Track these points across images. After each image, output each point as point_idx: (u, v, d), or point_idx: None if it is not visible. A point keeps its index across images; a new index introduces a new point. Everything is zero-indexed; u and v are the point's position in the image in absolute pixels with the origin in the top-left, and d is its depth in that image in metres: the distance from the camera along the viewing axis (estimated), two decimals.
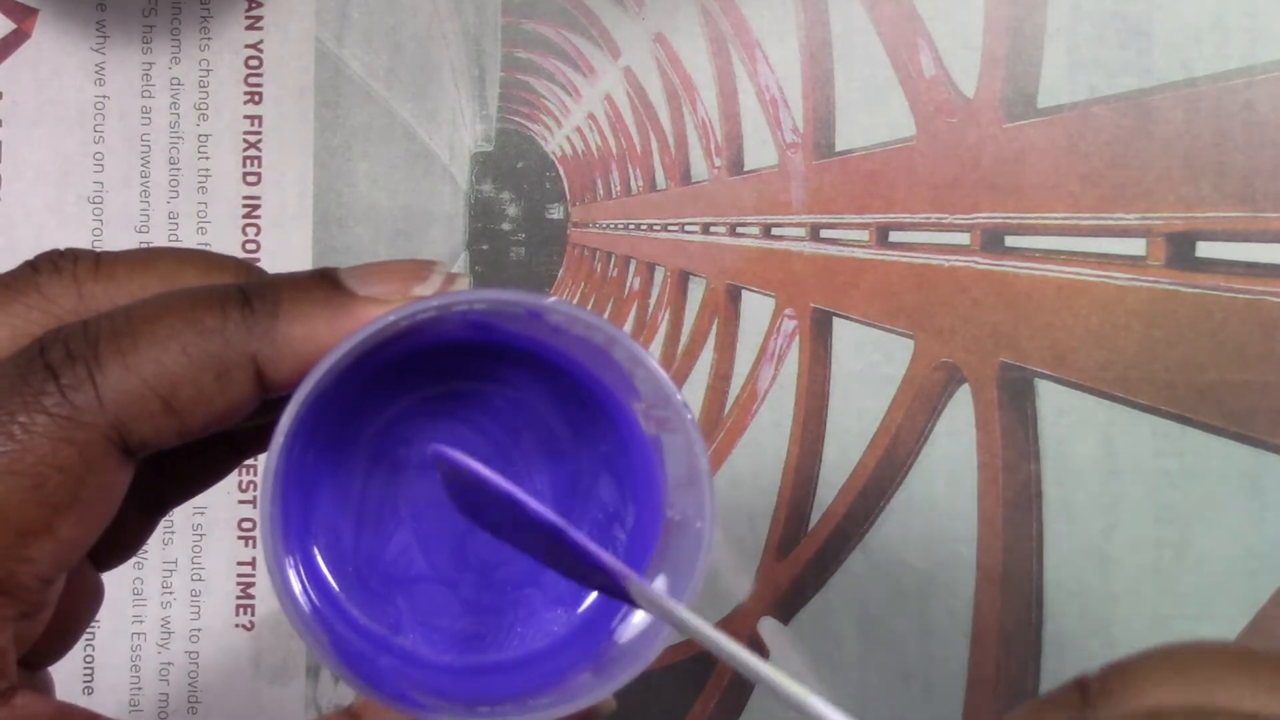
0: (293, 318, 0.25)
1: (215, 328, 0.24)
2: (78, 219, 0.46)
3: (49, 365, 0.24)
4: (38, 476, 0.24)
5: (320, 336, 0.25)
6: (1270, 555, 0.43)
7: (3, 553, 0.24)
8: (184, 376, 0.24)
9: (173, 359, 0.24)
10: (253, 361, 0.25)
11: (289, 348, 0.25)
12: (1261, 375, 0.44)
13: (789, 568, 0.45)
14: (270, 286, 0.25)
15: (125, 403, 0.24)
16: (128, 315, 0.25)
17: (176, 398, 0.24)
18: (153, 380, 0.24)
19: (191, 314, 0.25)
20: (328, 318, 0.25)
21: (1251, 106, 0.44)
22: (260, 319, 0.25)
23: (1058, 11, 0.45)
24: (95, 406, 0.24)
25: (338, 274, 0.26)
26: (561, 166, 0.47)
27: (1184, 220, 0.44)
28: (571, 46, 0.47)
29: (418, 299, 0.26)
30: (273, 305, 0.25)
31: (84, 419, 0.24)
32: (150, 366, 0.24)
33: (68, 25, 0.47)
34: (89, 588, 0.29)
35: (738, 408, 0.46)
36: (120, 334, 0.24)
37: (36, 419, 0.24)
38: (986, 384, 0.45)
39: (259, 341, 0.25)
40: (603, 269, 0.47)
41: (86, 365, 0.24)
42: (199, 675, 0.46)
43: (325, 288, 0.25)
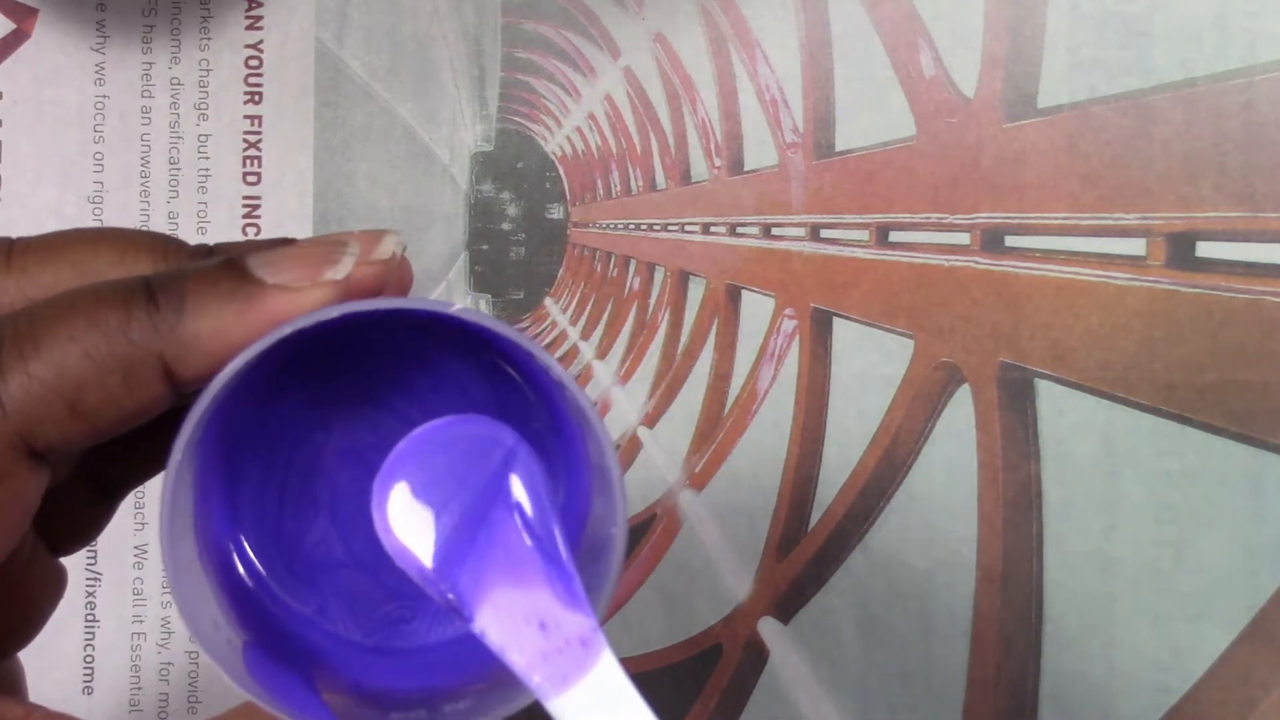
0: (199, 313, 0.24)
1: (118, 327, 0.24)
2: (78, 219, 0.46)
3: None
4: None
5: (229, 331, 0.24)
6: (1270, 555, 0.43)
7: None
8: (88, 379, 0.24)
9: (75, 362, 0.24)
10: (160, 360, 0.24)
11: (197, 345, 0.24)
12: (1261, 375, 0.44)
13: (789, 568, 0.45)
14: (176, 280, 0.25)
15: (29, 408, 0.24)
16: (30, 318, 0.24)
17: (82, 401, 0.24)
18: (55, 384, 0.24)
19: (95, 314, 0.24)
20: (236, 311, 0.24)
21: (1251, 106, 0.44)
22: (165, 316, 0.24)
23: (1058, 11, 0.45)
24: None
25: (246, 262, 0.25)
26: (561, 166, 0.47)
27: (1184, 220, 0.44)
28: (571, 46, 0.47)
29: (330, 284, 0.25)
30: (178, 300, 0.24)
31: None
32: (52, 370, 0.24)
33: (68, 25, 0.47)
34: (47, 575, 0.29)
35: (738, 408, 0.46)
36: (22, 337, 0.24)
37: None
38: (986, 384, 0.45)
39: (165, 340, 0.24)
40: (603, 269, 0.47)
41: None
42: (199, 675, 0.46)
43: (232, 278, 0.25)
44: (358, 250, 0.26)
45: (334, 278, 0.25)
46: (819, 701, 0.45)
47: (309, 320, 0.23)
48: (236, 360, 0.24)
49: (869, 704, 0.45)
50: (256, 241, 0.27)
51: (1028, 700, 0.44)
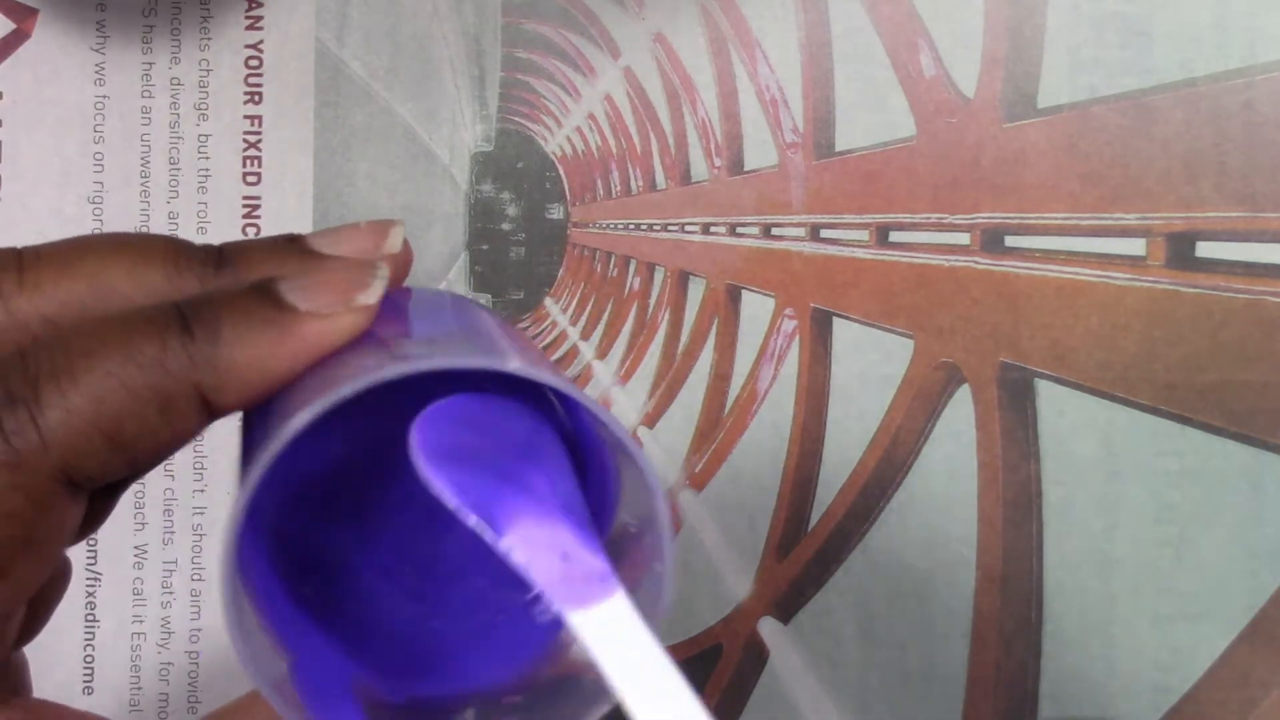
0: (235, 343, 0.24)
1: (156, 359, 0.24)
2: (78, 219, 0.46)
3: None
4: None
5: (264, 361, 0.24)
6: (1270, 555, 0.43)
7: None
8: (127, 412, 0.24)
9: (114, 396, 0.24)
10: (197, 390, 0.24)
11: (233, 374, 0.24)
12: (1261, 375, 0.44)
13: (789, 568, 0.45)
14: (209, 307, 0.25)
15: (70, 443, 0.24)
16: (65, 349, 0.24)
17: (121, 434, 0.24)
18: (95, 419, 0.24)
19: (130, 345, 0.24)
20: (271, 340, 0.24)
21: (1251, 106, 0.44)
22: (201, 346, 0.24)
23: (1058, 11, 0.45)
24: (39, 450, 0.23)
25: (277, 289, 0.25)
26: (561, 166, 0.47)
27: (1184, 220, 0.44)
28: (571, 46, 0.47)
29: (362, 309, 0.25)
30: (213, 331, 0.24)
31: (29, 463, 0.23)
32: (92, 405, 0.24)
33: (68, 25, 0.47)
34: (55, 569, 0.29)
35: (738, 408, 0.46)
36: (59, 372, 0.24)
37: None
38: (986, 384, 0.45)
39: (201, 371, 0.24)
40: (603, 269, 0.47)
41: (28, 407, 0.23)
42: (199, 675, 0.46)
43: (266, 306, 0.25)
44: (386, 272, 0.26)
45: (366, 302, 0.25)
46: (819, 701, 0.45)
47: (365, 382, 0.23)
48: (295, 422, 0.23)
49: (869, 704, 0.45)
50: (261, 242, 0.27)
51: (1028, 700, 0.44)
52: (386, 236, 0.27)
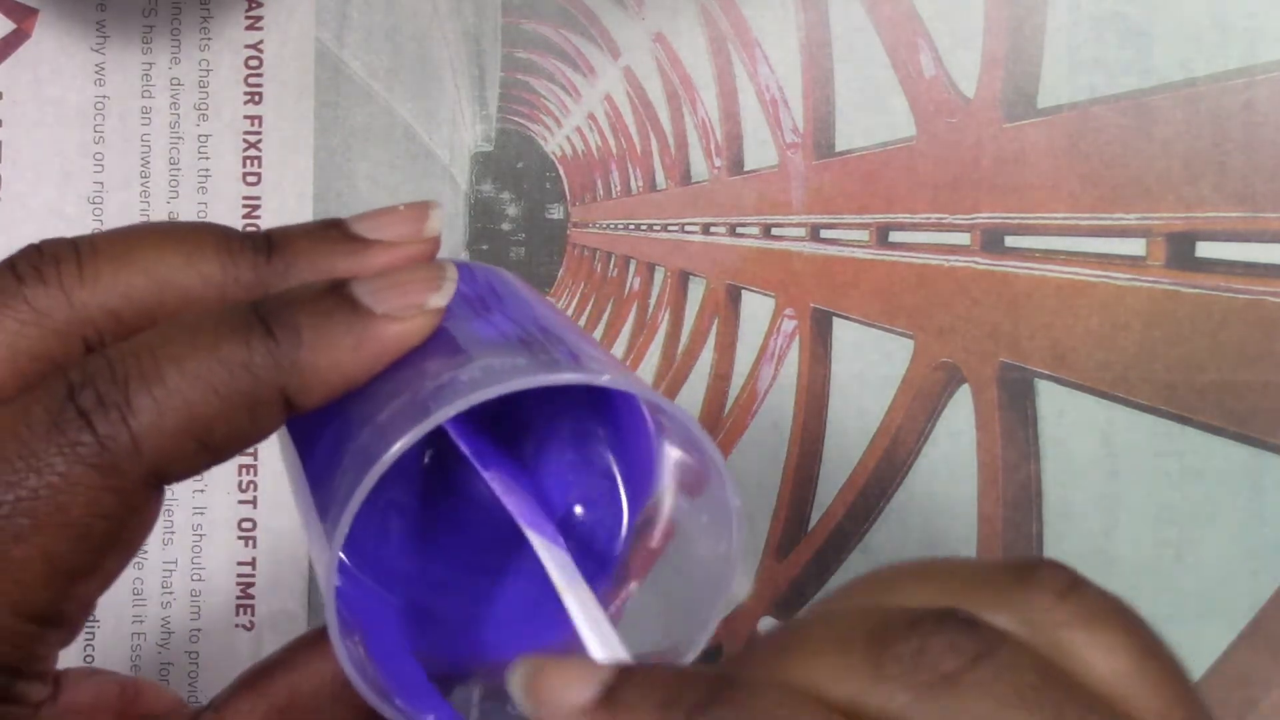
0: (317, 347, 0.25)
1: (243, 363, 0.24)
2: (78, 219, 0.46)
3: (82, 411, 0.24)
4: (83, 526, 0.24)
5: (346, 364, 0.25)
6: (1270, 555, 0.43)
7: (53, 595, 0.24)
8: (217, 416, 0.24)
9: (205, 400, 0.24)
10: (282, 393, 0.25)
11: (316, 377, 0.25)
12: (1261, 375, 0.44)
13: (789, 568, 0.45)
14: (287, 310, 0.25)
15: (161, 447, 0.24)
16: (153, 352, 0.25)
17: (210, 437, 0.25)
18: (187, 423, 0.24)
19: (217, 349, 0.24)
20: (351, 344, 0.25)
21: (1251, 106, 0.44)
22: (285, 350, 0.25)
23: (1058, 11, 0.45)
24: (133, 454, 0.24)
25: (354, 292, 0.26)
26: (561, 166, 0.47)
27: (1184, 220, 0.44)
28: (571, 46, 0.47)
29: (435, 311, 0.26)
30: (295, 334, 0.25)
31: (124, 467, 0.24)
32: (184, 410, 0.24)
33: (68, 25, 0.47)
34: None
35: (738, 408, 0.46)
36: (149, 377, 0.24)
37: (75, 469, 0.24)
38: (986, 384, 0.45)
39: (287, 374, 0.25)
40: (603, 269, 0.47)
41: (120, 411, 0.24)
42: (199, 675, 0.46)
43: (344, 310, 0.25)
44: (454, 273, 0.26)
45: (438, 305, 0.26)
46: None
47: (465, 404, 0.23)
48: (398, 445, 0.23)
49: None
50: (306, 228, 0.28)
51: None
52: (427, 219, 0.27)
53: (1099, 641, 0.22)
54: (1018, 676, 0.20)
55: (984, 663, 0.20)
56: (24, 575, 0.24)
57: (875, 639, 0.21)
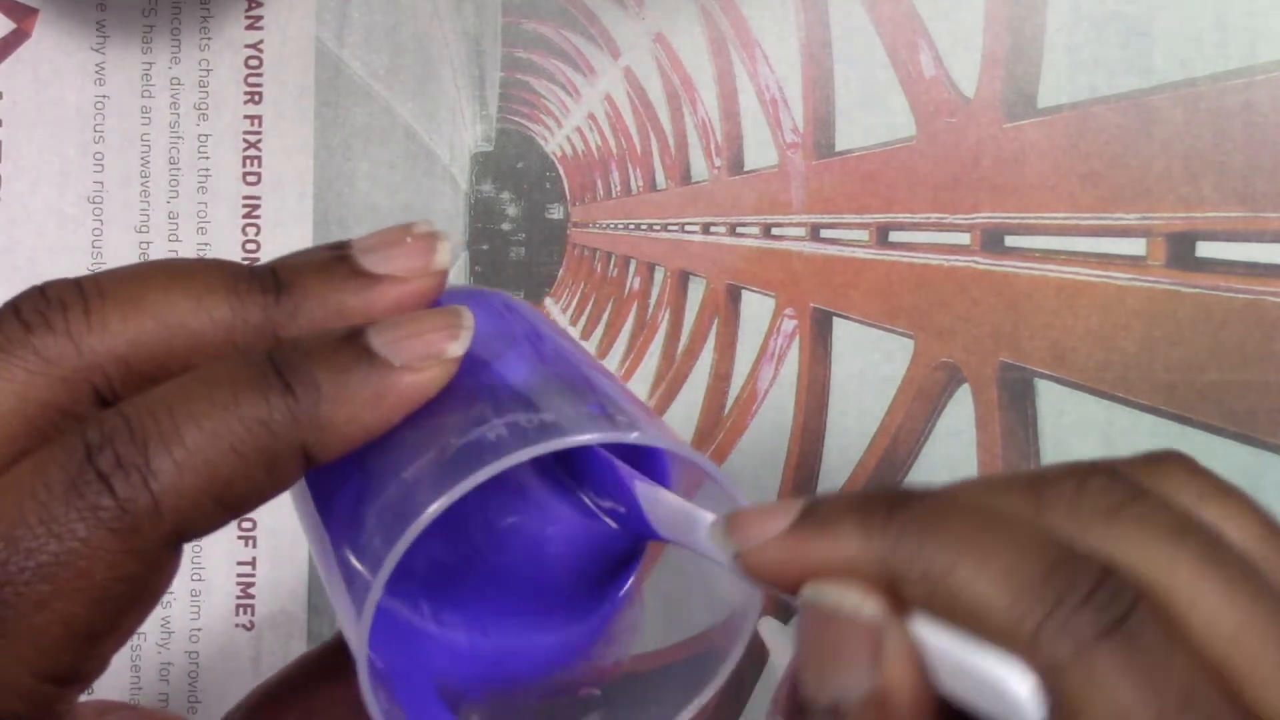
0: (335, 401, 0.25)
1: (262, 420, 0.24)
2: (78, 219, 0.46)
3: (102, 475, 0.24)
4: (103, 589, 0.24)
5: (364, 418, 0.25)
6: None
7: (74, 657, 0.24)
8: (237, 474, 0.24)
9: (224, 459, 0.24)
10: (302, 449, 0.25)
11: (334, 431, 0.25)
12: (1261, 375, 0.44)
13: None
14: (305, 361, 0.25)
15: (182, 508, 0.24)
16: (170, 411, 0.24)
17: (230, 495, 0.24)
18: (207, 483, 0.24)
19: (236, 408, 0.24)
20: (369, 399, 0.25)
21: (1251, 106, 0.44)
22: (304, 406, 0.24)
23: (1058, 11, 0.45)
24: (154, 515, 0.24)
25: (370, 342, 0.25)
26: (561, 166, 0.47)
27: (1184, 220, 0.44)
28: (571, 46, 0.47)
29: (453, 361, 0.25)
30: (313, 389, 0.24)
31: (144, 530, 0.24)
32: (204, 469, 0.24)
33: (68, 25, 0.47)
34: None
35: (738, 408, 0.46)
36: (168, 437, 0.24)
37: (97, 534, 0.24)
38: (986, 384, 0.45)
39: (306, 430, 0.24)
40: (603, 269, 0.47)
41: (140, 474, 0.24)
42: (199, 675, 0.46)
43: (362, 363, 0.25)
44: (471, 322, 0.26)
45: (456, 355, 0.26)
46: None
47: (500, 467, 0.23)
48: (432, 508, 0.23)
49: None
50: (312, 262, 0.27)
51: None
52: (435, 253, 0.27)
53: (1230, 514, 0.23)
54: (1169, 517, 0.22)
55: (1137, 503, 0.23)
56: (44, 640, 0.24)
57: (1034, 483, 0.23)
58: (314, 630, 0.46)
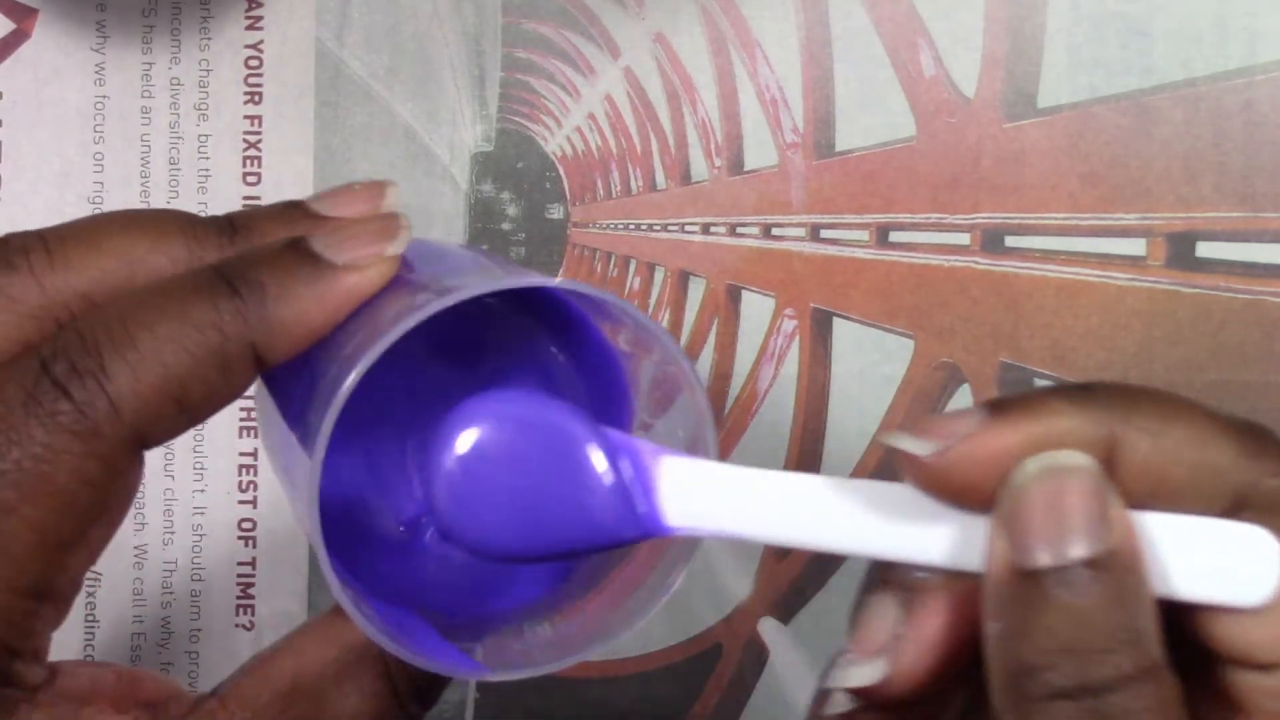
0: (282, 300, 0.25)
1: (212, 323, 0.25)
2: None
3: (56, 382, 0.24)
4: (68, 494, 0.24)
5: (311, 315, 0.25)
6: None
7: (43, 567, 0.25)
8: (191, 375, 0.25)
9: (178, 361, 0.25)
10: (252, 349, 0.25)
11: (283, 330, 0.25)
12: (1261, 375, 0.44)
13: (789, 568, 0.45)
14: (251, 268, 0.26)
15: (140, 409, 0.25)
16: (122, 319, 0.25)
17: (187, 396, 0.25)
18: (162, 384, 0.25)
19: (185, 311, 0.25)
20: (316, 295, 0.25)
21: (1251, 106, 0.44)
22: (252, 306, 0.25)
23: (1058, 11, 0.45)
24: (113, 417, 0.24)
25: (311, 245, 0.26)
26: (561, 166, 0.47)
27: (1184, 220, 0.44)
28: (571, 46, 0.47)
29: (392, 259, 0.26)
30: (260, 291, 0.25)
31: (104, 431, 0.24)
32: (158, 371, 0.25)
33: (68, 25, 0.47)
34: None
35: (738, 408, 0.46)
36: (120, 342, 0.25)
37: (56, 438, 0.24)
38: (986, 384, 0.45)
39: (255, 330, 0.25)
40: (603, 269, 0.47)
41: (95, 378, 0.24)
42: (199, 675, 0.46)
43: (305, 263, 0.26)
44: (408, 221, 0.27)
45: (395, 252, 0.26)
46: None
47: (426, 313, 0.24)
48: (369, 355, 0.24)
49: None
50: (266, 209, 0.28)
51: None
52: (383, 197, 0.28)
53: None
54: None
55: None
56: (14, 548, 0.24)
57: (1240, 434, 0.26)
58: None
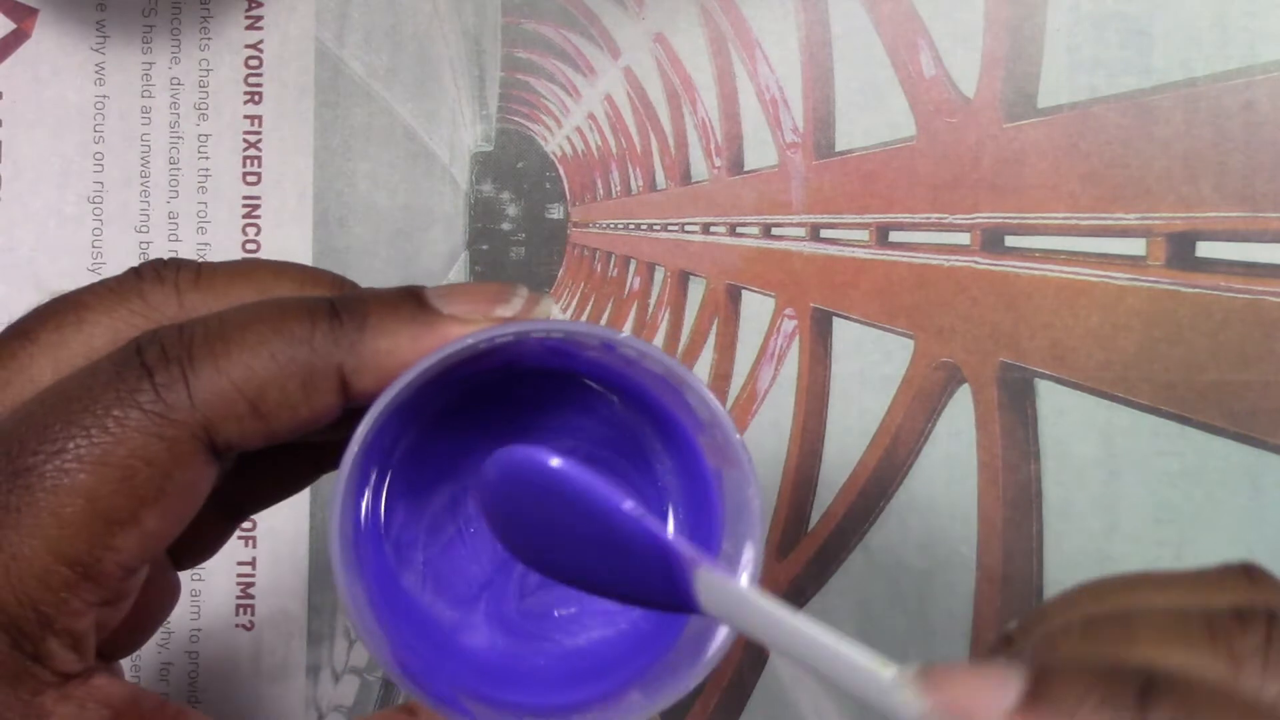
0: (378, 331, 0.26)
1: (304, 337, 0.25)
2: (78, 219, 0.46)
3: (145, 364, 0.25)
4: (127, 469, 0.25)
5: (403, 351, 0.26)
6: (1270, 555, 0.43)
7: (91, 539, 0.25)
8: (272, 381, 0.25)
9: (262, 364, 0.25)
10: (338, 371, 0.26)
11: (373, 359, 0.26)
12: (1261, 375, 0.44)
13: (789, 568, 0.45)
14: (358, 301, 0.26)
15: (215, 403, 0.25)
16: (221, 320, 0.26)
17: (264, 401, 0.25)
18: (241, 384, 0.25)
19: (281, 323, 0.26)
20: (412, 334, 0.26)
21: (1251, 106, 0.44)
22: (347, 331, 0.26)
23: (1058, 11, 0.45)
24: (186, 405, 0.25)
25: (423, 292, 0.27)
26: (561, 166, 0.47)
27: (1184, 220, 0.44)
28: (571, 46, 0.47)
29: (500, 320, 0.26)
30: (360, 319, 0.26)
31: (175, 416, 0.25)
32: (240, 370, 0.25)
33: (68, 25, 0.47)
34: (167, 585, 0.31)
35: (738, 408, 0.46)
36: (213, 338, 0.25)
37: (130, 414, 0.25)
38: (986, 384, 0.45)
39: (345, 352, 0.26)
40: (603, 269, 0.47)
41: (180, 365, 0.25)
42: (199, 675, 0.46)
43: (411, 304, 0.26)
44: (526, 292, 0.27)
45: (505, 314, 0.27)
46: (819, 701, 0.45)
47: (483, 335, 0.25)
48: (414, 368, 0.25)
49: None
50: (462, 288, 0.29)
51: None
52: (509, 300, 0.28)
53: None
54: None
55: None
56: (65, 511, 0.25)
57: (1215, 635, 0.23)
58: (314, 630, 0.46)
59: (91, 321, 0.27)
